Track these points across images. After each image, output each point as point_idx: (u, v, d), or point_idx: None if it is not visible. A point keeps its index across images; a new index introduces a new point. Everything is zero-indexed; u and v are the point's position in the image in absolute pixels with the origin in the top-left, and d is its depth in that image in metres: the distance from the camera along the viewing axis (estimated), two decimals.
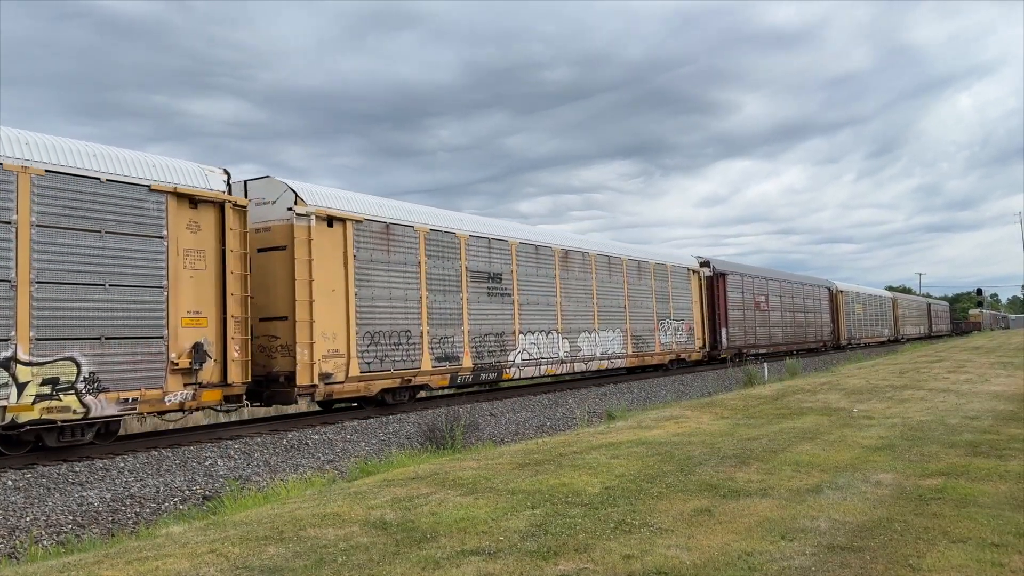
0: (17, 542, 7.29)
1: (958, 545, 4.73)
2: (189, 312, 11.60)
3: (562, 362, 20.48)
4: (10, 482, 9.17)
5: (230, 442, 12.02)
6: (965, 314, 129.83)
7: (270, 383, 13.38)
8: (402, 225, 15.67)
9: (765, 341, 35.98)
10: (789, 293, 38.90)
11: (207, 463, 10.62)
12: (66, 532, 7.64)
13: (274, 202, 13.69)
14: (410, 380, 15.42)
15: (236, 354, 12.08)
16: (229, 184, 12.60)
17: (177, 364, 11.28)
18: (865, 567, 4.38)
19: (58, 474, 9.66)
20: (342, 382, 13.87)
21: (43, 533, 7.59)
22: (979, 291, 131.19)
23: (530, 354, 19.12)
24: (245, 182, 13.95)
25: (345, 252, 14.22)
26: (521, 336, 18.83)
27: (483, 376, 17.53)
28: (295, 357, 13.09)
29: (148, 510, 8.49)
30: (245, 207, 12.67)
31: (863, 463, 7.40)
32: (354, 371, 14.05)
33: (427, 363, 15.80)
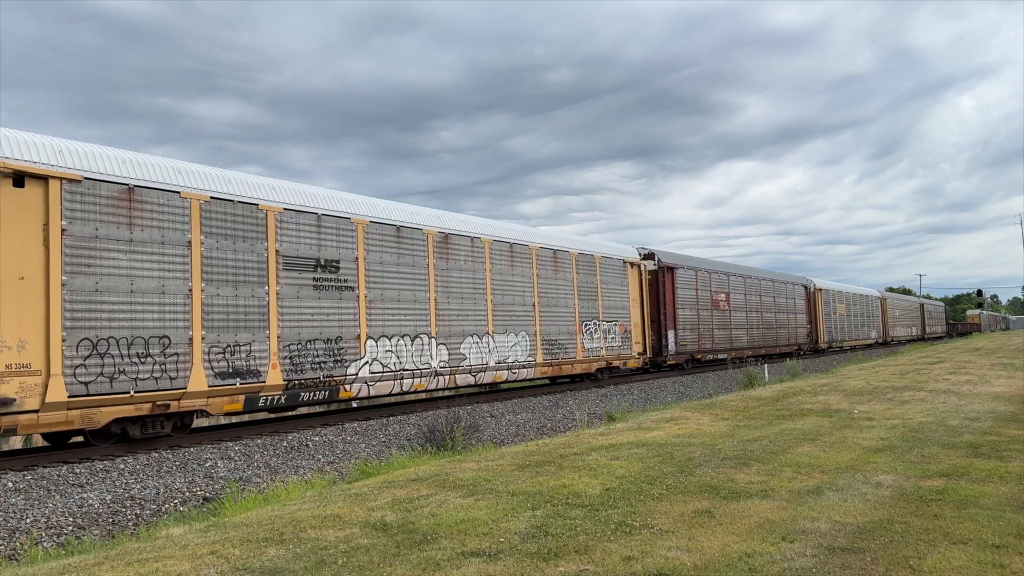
0: (17, 543, 7.29)
1: (959, 546, 4.73)
2: None
3: (436, 374, 16.25)
4: (10, 484, 9.17)
5: (230, 444, 12.02)
6: (962, 315, 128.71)
7: None
8: (158, 190, 11.50)
9: (725, 345, 31.20)
10: (757, 291, 34.67)
11: (207, 465, 10.62)
12: (66, 534, 7.64)
13: None
14: (168, 405, 11.37)
15: None
16: None
17: None
18: (866, 568, 4.37)
19: (58, 476, 9.65)
20: (35, 411, 9.84)
21: (43, 535, 7.59)
22: (979, 292, 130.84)
23: (384, 365, 14.91)
24: None
25: (47, 225, 10.22)
26: (370, 342, 14.66)
27: (305, 396, 13.42)
28: None
29: (148, 512, 8.48)
30: None
31: (864, 464, 7.40)
32: (57, 395, 10.02)
33: (200, 381, 11.70)
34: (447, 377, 16.63)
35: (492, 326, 18.24)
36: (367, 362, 14.66)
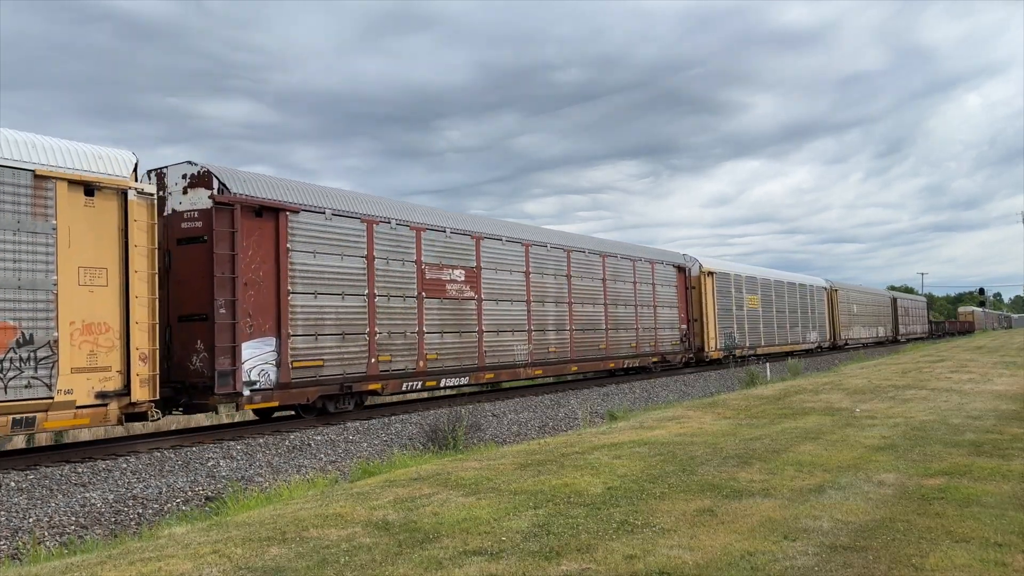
0: (20, 543, 7.30)
1: (961, 545, 4.72)
2: None
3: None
4: (13, 483, 9.19)
5: (232, 443, 12.03)
6: (952, 313, 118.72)
7: None
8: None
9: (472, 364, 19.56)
10: (588, 270, 22.37)
11: (209, 464, 10.63)
12: (69, 533, 7.65)
13: None
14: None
15: None
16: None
17: None
18: (868, 567, 4.37)
19: (61, 475, 9.67)
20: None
21: (46, 534, 7.60)
22: (981, 291, 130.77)
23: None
24: None
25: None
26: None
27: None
28: None
29: (151, 511, 8.49)
30: None
31: (866, 463, 7.40)
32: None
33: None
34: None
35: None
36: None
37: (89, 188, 10.47)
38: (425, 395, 19.67)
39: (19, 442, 14.58)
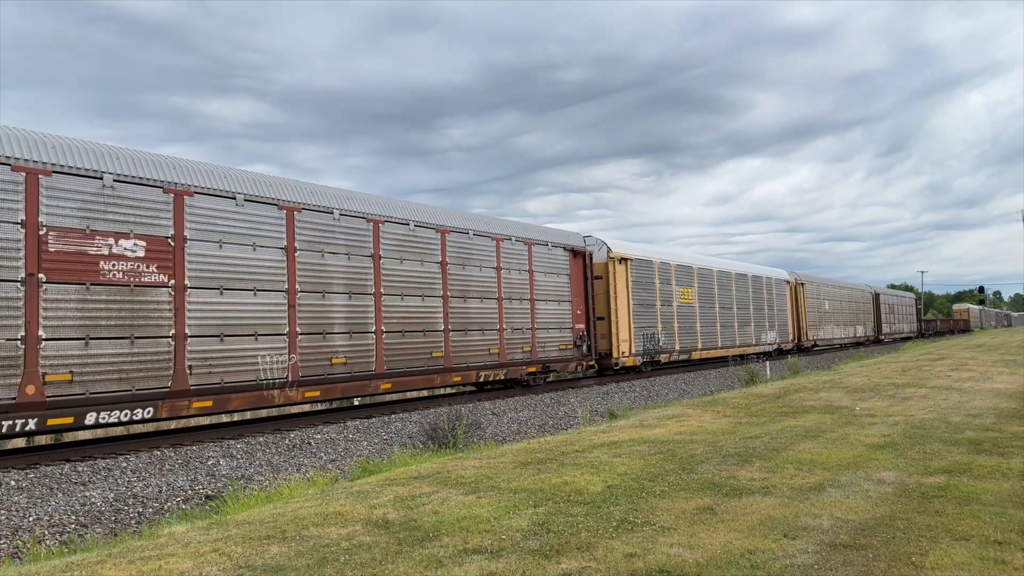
0: (20, 542, 7.30)
1: (961, 543, 4.72)
2: None
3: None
4: (13, 482, 9.19)
5: (232, 442, 12.03)
6: (947, 311, 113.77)
7: None
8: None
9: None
10: (416, 249, 16.27)
11: (209, 463, 10.63)
12: (69, 532, 7.65)
13: None
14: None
15: None
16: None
17: None
18: (868, 565, 4.37)
19: (61, 474, 9.67)
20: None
21: (46, 533, 7.60)
22: (981, 289, 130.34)
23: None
24: None
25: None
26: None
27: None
28: None
29: (151, 510, 8.49)
30: None
31: (865, 461, 7.40)
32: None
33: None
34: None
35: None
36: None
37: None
38: (427, 393, 19.63)
39: (19, 441, 14.59)
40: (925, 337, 67.30)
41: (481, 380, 17.93)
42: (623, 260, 24.01)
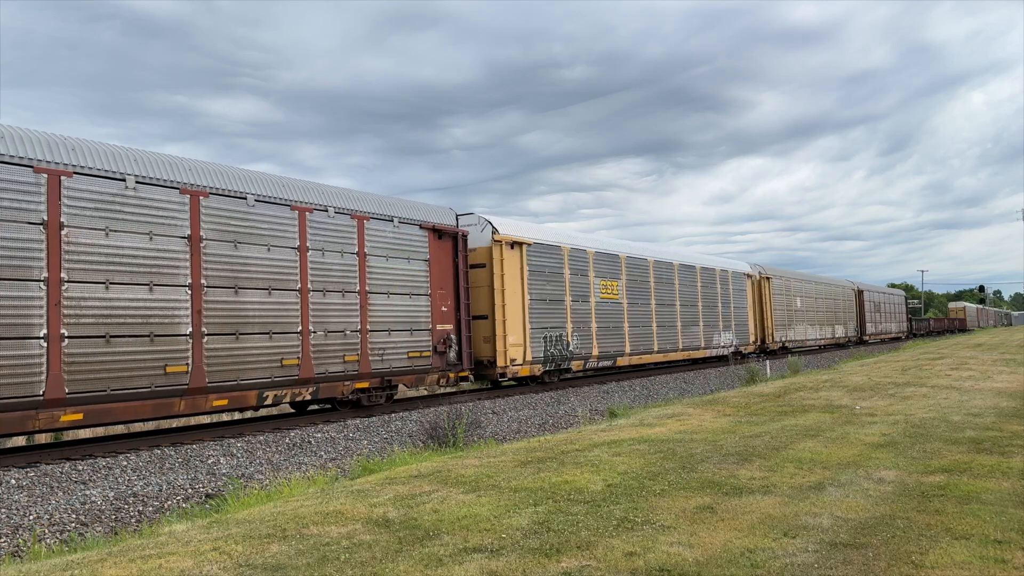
0: (21, 540, 7.31)
1: (961, 542, 4.73)
2: None
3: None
4: (13, 480, 9.19)
5: (232, 440, 12.04)
6: (943, 309, 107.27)
7: None
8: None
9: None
10: (149, 217, 11.42)
11: (210, 461, 10.64)
12: (69, 530, 7.66)
13: None
14: None
15: None
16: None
17: None
18: (868, 564, 4.38)
19: (61, 472, 9.67)
20: None
21: (46, 531, 7.61)
22: (981, 288, 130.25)
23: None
24: None
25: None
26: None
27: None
28: None
29: (151, 508, 8.50)
30: None
31: (866, 460, 7.40)
32: None
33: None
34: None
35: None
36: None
37: None
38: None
39: (19, 439, 14.59)
40: (917, 337, 62.58)
41: (268, 402, 12.92)
42: (516, 244, 19.13)
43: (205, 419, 16.04)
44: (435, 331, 16.53)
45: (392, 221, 15.78)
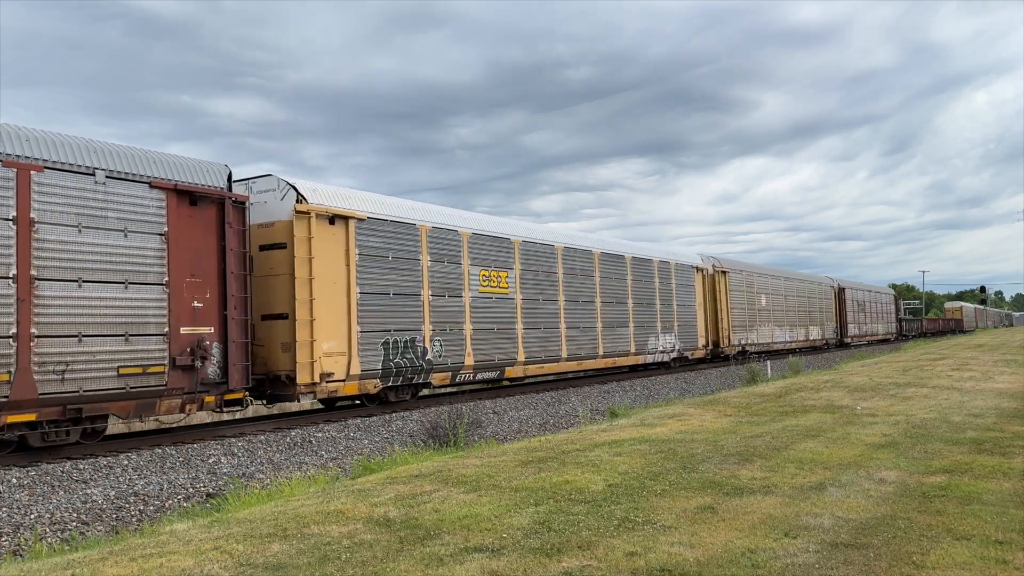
0: (22, 539, 7.32)
1: (962, 542, 4.72)
2: None
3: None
4: (14, 479, 9.20)
5: (233, 440, 12.05)
6: (938, 309, 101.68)
7: None
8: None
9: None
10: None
11: (211, 461, 10.64)
12: (70, 529, 7.66)
13: None
14: None
15: None
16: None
17: None
18: (869, 564, 4.37)
19: (62, 472, 9.68)
20: None
21: (47, 530, 7.61)
22: (982, 288, 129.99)
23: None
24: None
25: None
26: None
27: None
28: None
29: (152, 507, 8.51)
30: None
31: (867, 460, 7.40)
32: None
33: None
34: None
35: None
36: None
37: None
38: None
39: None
40: (907, 340, 57.67)
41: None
42: (338, 219, 14.55)
43: (206, 418, 16.07)
44: (176, 337, 11.59)
45: (93, 175, 10.83)
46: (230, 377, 12.23)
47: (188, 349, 11.73)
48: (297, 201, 13.84)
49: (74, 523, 7.87)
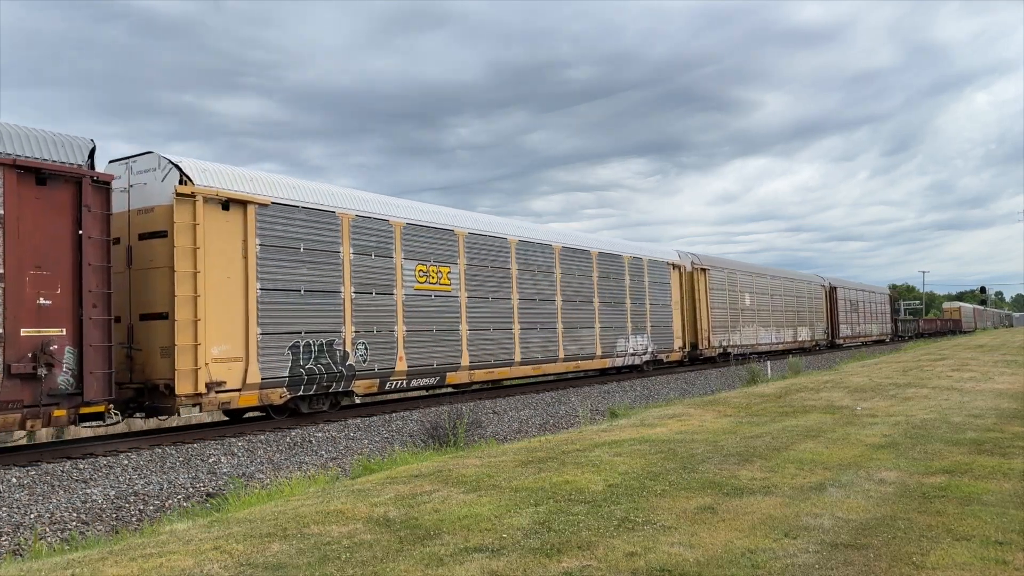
0: (22, 539, 7.32)
1: (962, 543, 4.72)
2: None
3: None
4: (14, 479, 9.20)
5: (233, 440, 12.04)
6: (939, 310, 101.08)
7: None
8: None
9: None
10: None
11: (211, 460, 10.64)
12: (70, 529, 7.66)
13: None
14: None
15: None
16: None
17: None
18: (868, 565, 4.37)
19: (62, 471, 9.68)
20: None
21: (47, 530, 7.62)
22: (983, 289, 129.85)
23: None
24: None
25: None
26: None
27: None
28: None
29: (152, 507, 8.51)
30: None
31: (866, 461, 7.40)
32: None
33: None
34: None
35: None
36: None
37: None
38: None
39: (20, 438, 14.59)
40: (903, 340, 56.14)
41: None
42: (233, 203, 12.79)
43: (206, 418, 16.07)
44: (13, 340, 9.84)
45: None
46: (86, 387, 10.30)
47: (29, 355, 9.89)
48: (180, 182, 11.99)
49: (74, 523, 7.87)
